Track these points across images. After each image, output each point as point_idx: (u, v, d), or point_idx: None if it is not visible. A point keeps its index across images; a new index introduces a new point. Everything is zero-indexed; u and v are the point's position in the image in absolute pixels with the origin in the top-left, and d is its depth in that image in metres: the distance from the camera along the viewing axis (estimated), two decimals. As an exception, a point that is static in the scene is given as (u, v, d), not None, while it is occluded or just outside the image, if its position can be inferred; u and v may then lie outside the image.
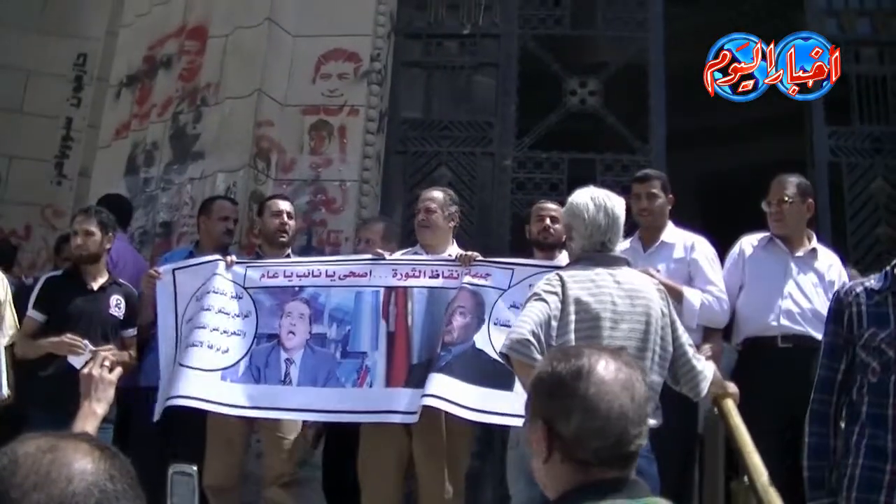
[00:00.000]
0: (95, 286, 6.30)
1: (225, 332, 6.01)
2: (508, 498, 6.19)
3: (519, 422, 5.39)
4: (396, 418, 5.66)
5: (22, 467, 1.46)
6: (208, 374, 5.88)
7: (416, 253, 6.42)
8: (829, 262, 6.20)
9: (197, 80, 8.62)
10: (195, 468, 2.98)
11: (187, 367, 5.89)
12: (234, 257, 6.31)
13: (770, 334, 5.98)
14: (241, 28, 8.51)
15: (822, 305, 5.84)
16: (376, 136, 8.48)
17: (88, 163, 10.08)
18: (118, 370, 3.41)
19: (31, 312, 6.24)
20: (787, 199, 6.12)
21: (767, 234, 6.26)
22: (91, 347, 5.91)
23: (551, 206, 6.61)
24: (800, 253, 6.14)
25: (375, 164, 8.45)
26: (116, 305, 6.33)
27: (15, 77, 10.89)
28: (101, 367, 3.30)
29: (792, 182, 6.24)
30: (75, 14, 11.13)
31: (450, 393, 5.45)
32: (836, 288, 5.86)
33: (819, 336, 5.78)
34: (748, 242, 6.29)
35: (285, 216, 6.72)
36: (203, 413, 5.99)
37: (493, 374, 5.35)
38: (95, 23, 10.96)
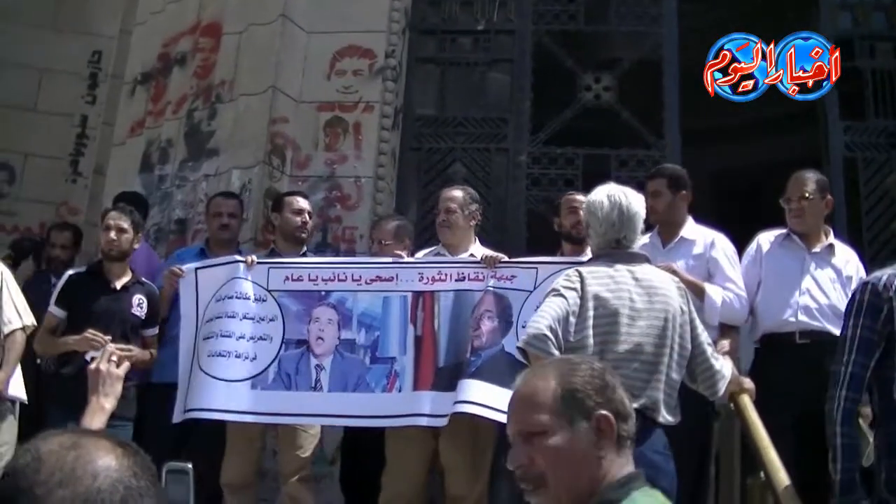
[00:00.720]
0: (118, 285, 6.30)
1: (252, 338, 6.02)
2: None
3: None
4: (423, 421, 5.66)
5: (46, 464, 1.47)
6: (239, 385, 5.90)
7: (437, 253, 6.42)
8: (847, 258, 6.18)
9: (211, 77, 8.64)
10: (191, 465, 2.95)
11: (217, 378, 5.90)
12: (254, 258, 6.29)
13: (788, 330, 5.95)
14: (255, 25, 8.52)
15: (840, 301, 5.83)
16: (391, 132, 8.48)
17: (103, 160, 10.10)
18: (126, 365, 3.44)
19: (53, 309, 6.25)
20: (807, 195, 6.10)
21: (784, 230, 6.23)
22: (110, 343, 5.92)
23: (582, 198, 6.62)
24: (817, 249, 6.12)
25: (390, 161, 8.45)
26: (139, 305, 6.32)
27: (30, 75, 10.94)
28: (108, 362, 3.31)
29: (811, 178, 6.22)
30: (89, 12, 11.18)
31: (483, 397, 5.43)
32: (853, 284, 5.87)
33: (836, 332, 5.79)
34: (765, 239, 6.27)
35: (307, 215, 6.75)
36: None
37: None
38: (109, 20, 11.00)
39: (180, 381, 6.00)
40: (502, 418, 5.42)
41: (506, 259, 5.95)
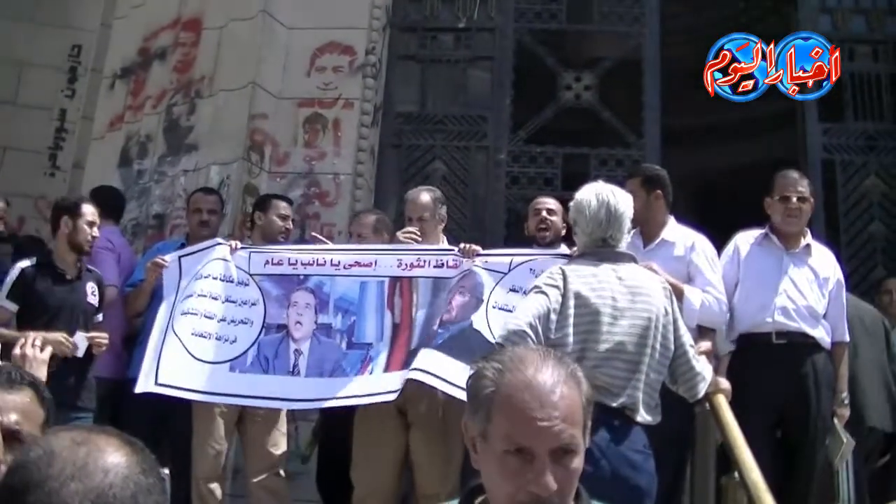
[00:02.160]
0: (71, 275, 6.24)
1: (233, 321, 5.97)
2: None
3: None
4: (380, 398, 5.58)
5: (58, 458, 1.48)
6: (217, 367, 5.86)
7: None
8: (824, 259, 6.18)
9: (191, 72, 8.61)
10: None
11: (197, 358, 5.87)
12: (238, 243, 6.27)
13: (764, 331, 5.95)
14: (235, 20, 8.49)
15: (817, 302, 5.85)
16: (371, 129, 8.48)
17: (82, 154, 10.05)
18: (49, 349, 3.45)
19: (4, 302, 6.15)
20: (806, 196, 6.12)
21: (762, 230, 6.24)
22: (82, 334, 5.90)
23: (548, 200, 6.62)
24: (795, 249, 6.12)
25: (370, 158, 8.45)
26: (92, 293, 6.28)
27: (9, 68, 10.89)
28: (32, 347, 3.32)
29: (804, 179, 6.25)
30: (70, 5, 11.13)
31: (437, 368, 5.40)
32: (831, 285, 5.89)
33: (813, 333, 5.81)
34: (743, 240, 6.25)
35: (290, 221, 6.82)
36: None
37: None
38: (90, 14, 10.94)
39: (149, 350, 5.90)
40: (453, 391, 5.42)
41: (482, 251, 5.94)
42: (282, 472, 6.28)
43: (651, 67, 8.83)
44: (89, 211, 6.28)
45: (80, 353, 5.89)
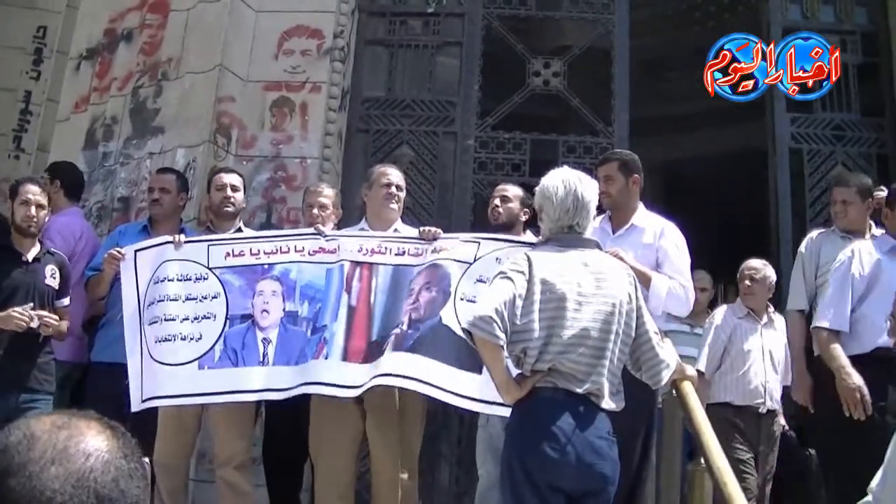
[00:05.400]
0: (30, 257, 6.15)
1: (196, 318, 5.92)
2: (468, 478, 6.16)
3: (486, 408, 5.39)
4: (342, 392, 5.57)
5: (38, 441, 1.47)
6: (186, 368, 5.80)
7: (362, 229, 6.35)
8: None
9: (158, 54, 8.55)
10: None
11: (165, 364, 5.81)
12: (182, 237, 6.19)
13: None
14: (203, 2, 8.43)
15: None
16: (338, 113, 8.45)
17: (47, 137, 9.95)
18: None
19: None
20: None
21: (882, 234, 6.26)
22: (32, 313, 5.82)
23: (505, 186, 6.63)
24: None
25: (337, 142, 8.42)
26: (52, 276, 6.17)
27: (-27, 49, 10.78)
28: None
29: None
30: (36, -14, 11.02)
31: (411, 370, 5.40)
32: None
33: None
34: (866, 249, 6.15)
35: (229, 189, 6.64)
36: None
37: (461, 353, 5.21)
38: (56, -5, 10.85)
39: (131, 368, 5.87)
40: (432, 392, 5.43)
41: (442, 234, 5.93)
42: (246, 460, 6.21)
43: (621, 55, 8.84)
44: (26, 190, 6.15)
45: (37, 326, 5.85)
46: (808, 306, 6.49)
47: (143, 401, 5.80)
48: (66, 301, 6.32)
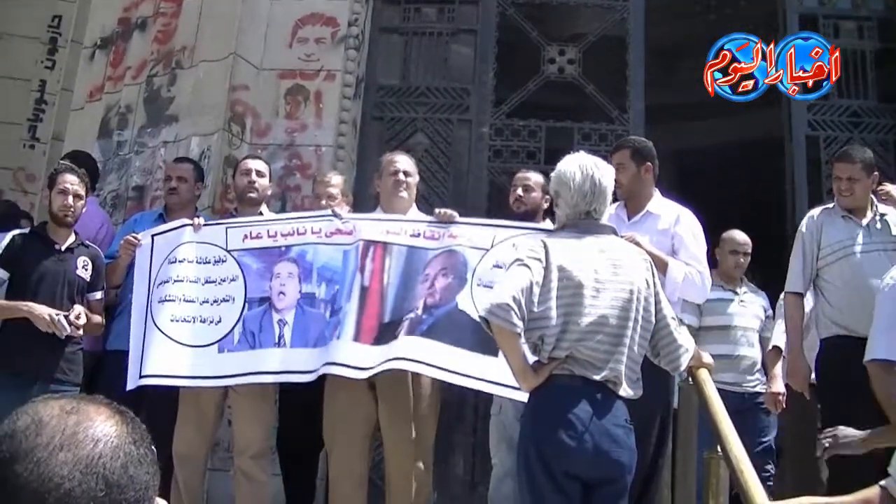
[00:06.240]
0: (63, 246, 6.15)
1: (215, 301, 5.95)
2: (482, 468, 6.15)
3: (505, 391, 5.36)
4: (352, 373, 5.54)
5: (46, 427, 1.46)
6: (206, 349, 5.83)
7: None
8: None
9: (172, 42, 8.53)
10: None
11: (183, 344, 5.84)
12: (201, 220, 6.23)
13: None
14: (216, -10, 8.41)
15: None
16: (353, 101, 8.42)
17: (62, 126, 9.99)
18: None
19: None
20: None
21: None
22: (62, 319, 5.83)
23: (528, 175, 6.56)
24: None
25: (351, 130, 8.39)
26: (84, 267, 6.17)
27: (-12, 39, 10.81)
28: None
29: None
30: (50, -24, 11.04)
31: (425, 355, 5.40)
32: None
33: None
34: None
35: (254, 174, 6.62)
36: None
37: (477, 336, 5.16)
38: (70, -16, 10.87)
39: (133, 346, 5.91)
40: (445, 377, 5.40)
41: (458, 218, 5.91)
42: (265, 450, 6.18)
43: (635, 42, 8.80)
44: (64, 180, 6.17)
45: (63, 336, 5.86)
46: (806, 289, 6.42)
47: (142, 377, 5.84)
48: (98, 294, 6.33)
